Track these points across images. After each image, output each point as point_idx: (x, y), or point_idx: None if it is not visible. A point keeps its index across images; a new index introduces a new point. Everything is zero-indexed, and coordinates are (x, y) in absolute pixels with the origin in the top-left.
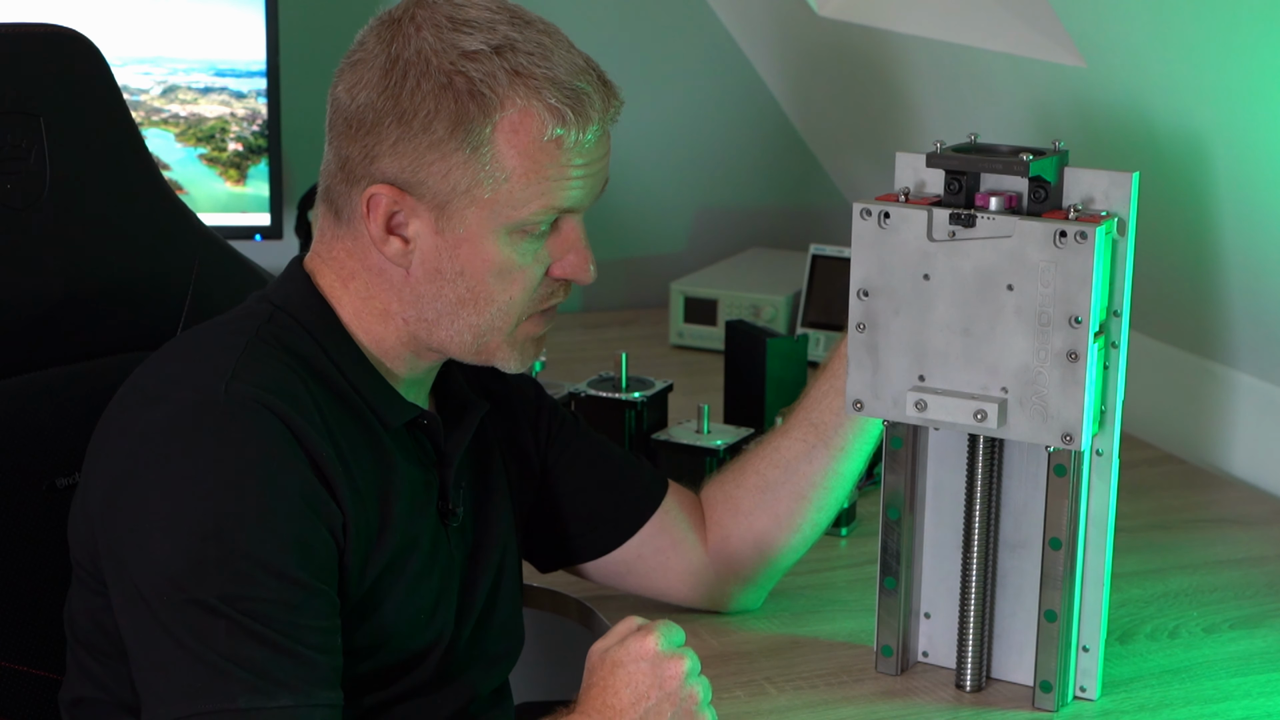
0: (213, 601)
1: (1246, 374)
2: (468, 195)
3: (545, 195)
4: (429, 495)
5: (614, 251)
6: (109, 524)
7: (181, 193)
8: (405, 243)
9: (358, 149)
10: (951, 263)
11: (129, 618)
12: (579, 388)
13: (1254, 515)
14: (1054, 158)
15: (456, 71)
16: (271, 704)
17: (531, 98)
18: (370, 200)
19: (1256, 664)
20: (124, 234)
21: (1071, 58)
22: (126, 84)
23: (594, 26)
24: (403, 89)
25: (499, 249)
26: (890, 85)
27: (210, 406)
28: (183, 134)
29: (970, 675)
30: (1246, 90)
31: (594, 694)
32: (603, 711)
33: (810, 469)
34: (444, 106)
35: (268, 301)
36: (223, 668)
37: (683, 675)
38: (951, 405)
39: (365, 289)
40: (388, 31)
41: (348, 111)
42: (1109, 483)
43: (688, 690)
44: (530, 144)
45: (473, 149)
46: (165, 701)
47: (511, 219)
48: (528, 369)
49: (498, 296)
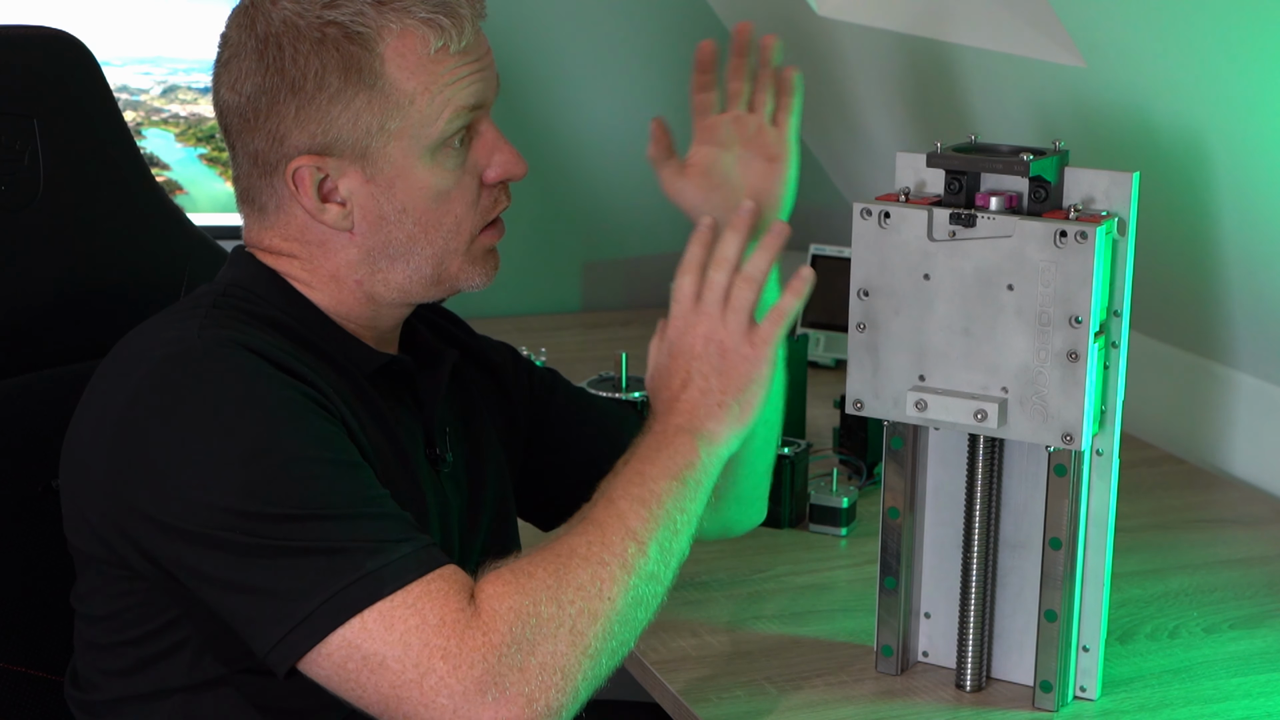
0: (288, 509)
1: (1246, 374)
2: (383, 132)
3: (451, 102)
4: (416, 443)
5: (614, 251)
6: (126, 496)
7: (181, 193)
8: (342, 205)
9: (263, 138)
10: (952, 263)
11: (203, 565)
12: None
13: (1254, 515)
14: (1054, 158)
15: (326, 23)
16: (395, 555)
17: (404, 18)
18: (295, 176)
19: (1256, 664)
20: (117, 235)
21: (1071, 58)
22: (126, 84)
23: (594, 26)
24: (283, 60)
25: (429, 173)
26: (890, 85)
27: (189, 351)
28: (183, 134)
29: (970, 675)
30: (1246, 90)
31: (656, 401)
32: (666, 405)
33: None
34: (329, 59)
35: (216, 285)
36: (333, 549)
37: (700, 331)
38: (951, 405)
39: (310, 262)
40: (246, 18)
41: (239, 108)
42: (1109, 483)
43: (717, 338)
44: (420, 61)
45: (370, 87)
46: (293, 602)
47: (430, 138)
48: (490, 282)
49: (444, 220)
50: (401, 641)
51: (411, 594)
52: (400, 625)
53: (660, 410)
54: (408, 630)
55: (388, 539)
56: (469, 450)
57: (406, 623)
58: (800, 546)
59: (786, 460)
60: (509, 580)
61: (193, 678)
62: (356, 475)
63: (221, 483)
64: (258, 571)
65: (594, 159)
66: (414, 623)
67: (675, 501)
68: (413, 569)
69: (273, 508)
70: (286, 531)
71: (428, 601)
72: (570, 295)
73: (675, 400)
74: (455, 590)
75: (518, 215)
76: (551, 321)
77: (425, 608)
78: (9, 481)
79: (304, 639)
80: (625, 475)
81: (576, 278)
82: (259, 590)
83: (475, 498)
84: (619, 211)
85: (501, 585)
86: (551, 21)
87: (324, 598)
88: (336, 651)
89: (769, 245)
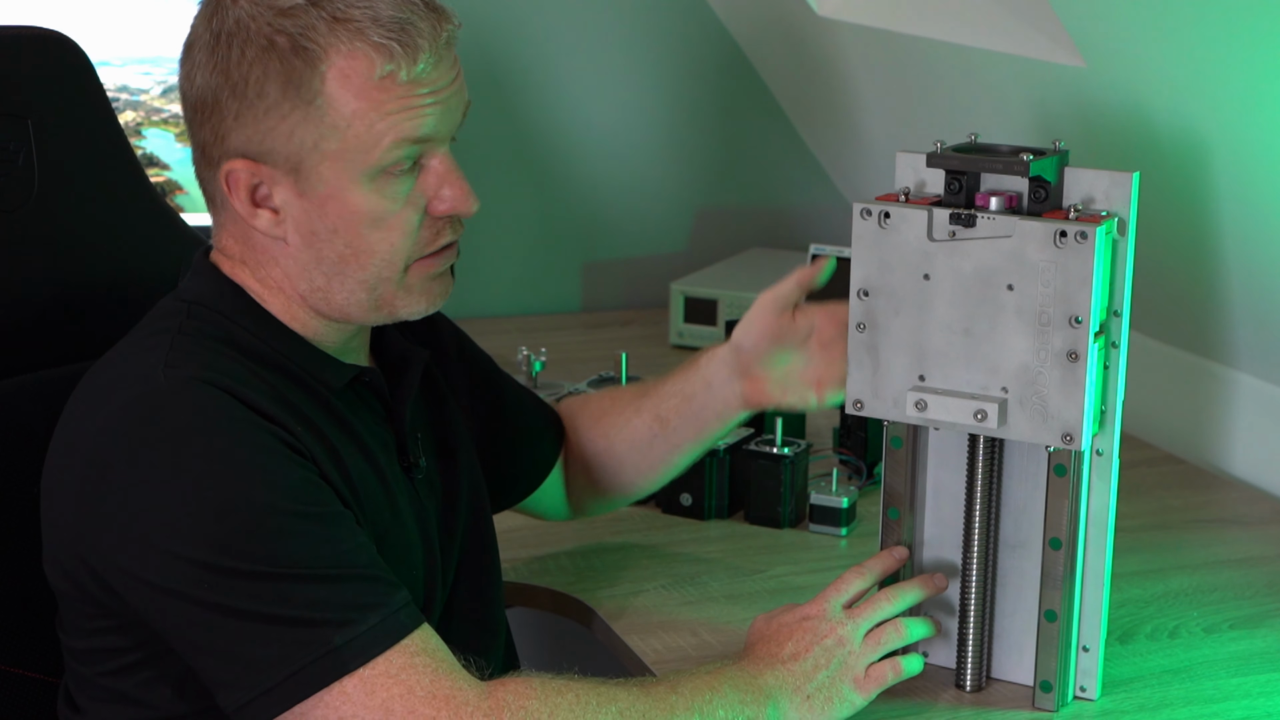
0: (255, 567)
1: (1246, 374)
2: (316, 151)
3: (393, 130)
4: (389, 453)
5: (614, 251)
6: (94, 542)
7: (181, 193)
8: (275, 213)
9: (208, 132)
10: (952, 263)
11: (170, 618)
12: (579, 388)
13: (1254, 515)
14: (1054, 158)
15: (276, 31)
16: (363, 628)
17: (355, 39)
18: (229, 178)
19: (1256, 664)
20: (111, 236)
21: (1071, 58)
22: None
23: (594, 26)
24: (229, 61)
25: (365, 197)
26: (890, 85)
27: (154, 394)
28: (183, 134)
29: (970, 675)
30: (1246, 90)
31: (758, 648)
32: (765, 659)
33: (650, 456)
34: (271, 69)
35: (180, 300)
36: (301, 618)
37: (840, 634)
38: (951, 405)
39: (258, 270)
40: (209, 9)
41: (191, 98)
42: (1109, 483)
43: (846, 649)
44: (363, 85)
45: (307, 103)
46: (257, 672)
47: (367, 164)
48: (436, 309)
49: (378, 247)
50: (384, 708)
51: (394, 664)
52: (382, 693)
53: (760, 656)
54: (391, 698)
55: (359, 606)
56: (440, 451)
57: (389, 690)
58: (800, 546)
59: (786, 460)
60: (537, 688)
61: (174, 710)
62: (330, 529)
63: (193, 536)
64: (224, 633)
65: (594, 159)
66: (398, 691)
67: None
68: (380, 641)
69: (245, 564)
70: (257, 591)
71: (413, 674)
72: (570, 295)
73: (777, 661)
74: (444, 666)
75: (518, 215)
76: (551, 321)
77: (411, 679)
78: (5, 482)
79: (267, 708)
80: (701, 682)
81: (576, 278)
82: (224, 653)
83: (451, 499)
84: (619, 211)
85: (527, 689)
86: (551, 21)
87: (289, 671)
88: (311, 713)
89: (928, 624)
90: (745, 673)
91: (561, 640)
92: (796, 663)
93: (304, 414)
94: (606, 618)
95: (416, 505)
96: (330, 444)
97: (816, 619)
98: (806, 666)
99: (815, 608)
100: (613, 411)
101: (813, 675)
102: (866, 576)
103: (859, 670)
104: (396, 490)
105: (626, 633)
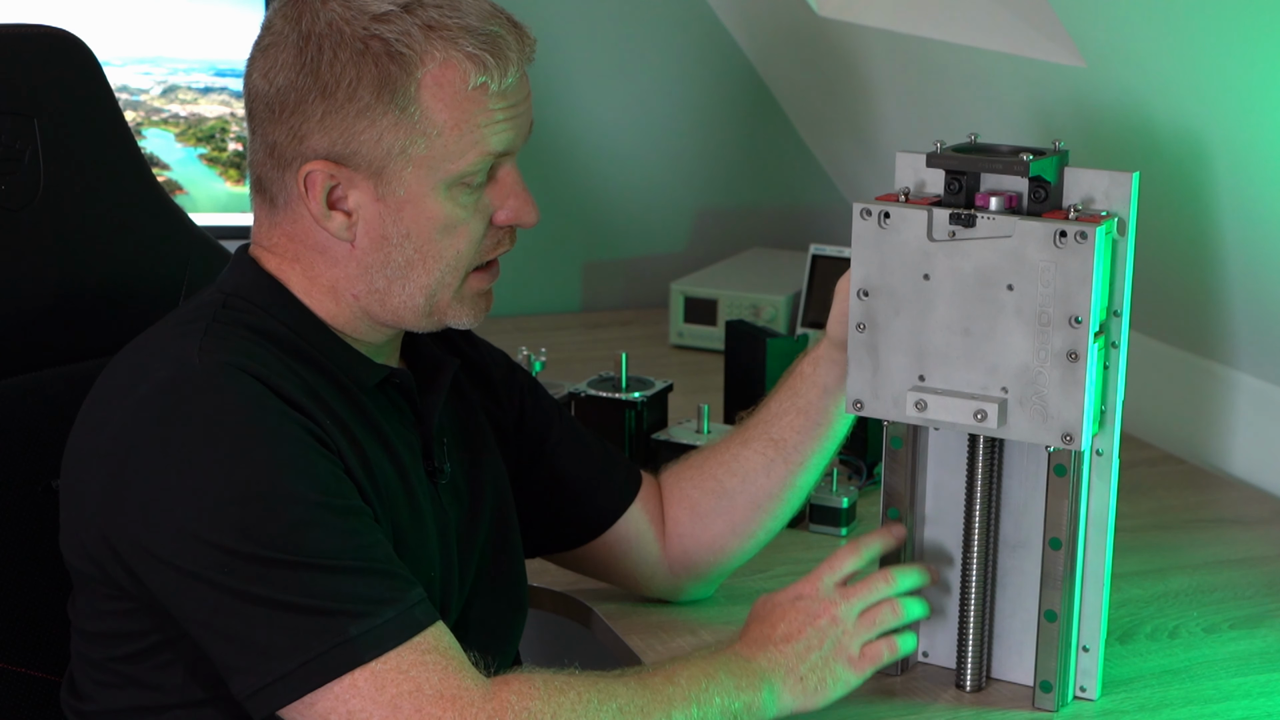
0: (277, 554)
1: (1246, 374)
2: (403, 156)
3: (479, 144)
4: (415, 456)
5: (614, 251)
6: (120, 522)
7: (181, 193)
8: (347, 215)
9: (284, 132)
10: (951, 263)
11: (188, 601)
12: (579, 388)
13: (1254, 515)
14: (1054, 158)
15: (371, 35)
16: (379, 621)
17: (450, 49)
18: (307, 179)
19: (1256, 664)
20: (118, 235)
21: (1071, 58)
22: (126, 84)
23: (594, 26)
24: (320, 63)
25: (441, 205)
26: (890, 85)
27: (188, 378)
28: (183, 134)
29: (970, 675)
30: (1246, 90)
31: (753, 629)
32: (759, 641)
33: (768, 482)
34: (365, 72)
35: (219, 291)
36: (318, 607)
37: (833, 613)
38: (951, 405)
39: (311, 269)
40: (294, 10)
41: (267, 97)
42: (1109, 483)
43: (840, 628)
44: (456, 95)
45: (400, 109)
46: (271, 659)
47: (450, 173)
48: (478, 323)
49: (445, 253)
50: (391, 704)
51: (405, 660)
52: (392, 689)
53: (755, 638)
54: (399, 694)
55: (375, 600)
56: (466, 459)
57: (399, 687)
58: (800, 546)
59: None
60: (539, 687)
61: (186, 696)
62: (352, 523)
63: (217, 520)
64: (241, 618)
65: (594, 159)
66: (407, 688)
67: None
68: (394, 636)
69: (266, 551)
70: (276, 578)
71: (423, 671)
72: (570, 295)
73: (770, 643)
74: (454, 665)
75: None
76: (551, 321)
77: (420, 676)
78: (9, 481)
79: (279, 695)
80: (697, 670)
81: (576, 278)
82: (240, 638)
83: (474, 508)
84: (619, 211)
85: (530, 688)
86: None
87: (303, 659)
88: (320, 703)
89: (924, 604)
90: (739, 657)
91: (561, 640)
92: (789, 644)
93: (333, 409)
94: (606, 618)
95: (438, 509)
96: (356, 441)
97: (809, 599)
98: (799, 648)
99: (809, 586)
100: (713, 457)
101: (805, 656)
102: (861, 554)
103: (853, 650)
104: (419, 493)
105: (626, 633)
